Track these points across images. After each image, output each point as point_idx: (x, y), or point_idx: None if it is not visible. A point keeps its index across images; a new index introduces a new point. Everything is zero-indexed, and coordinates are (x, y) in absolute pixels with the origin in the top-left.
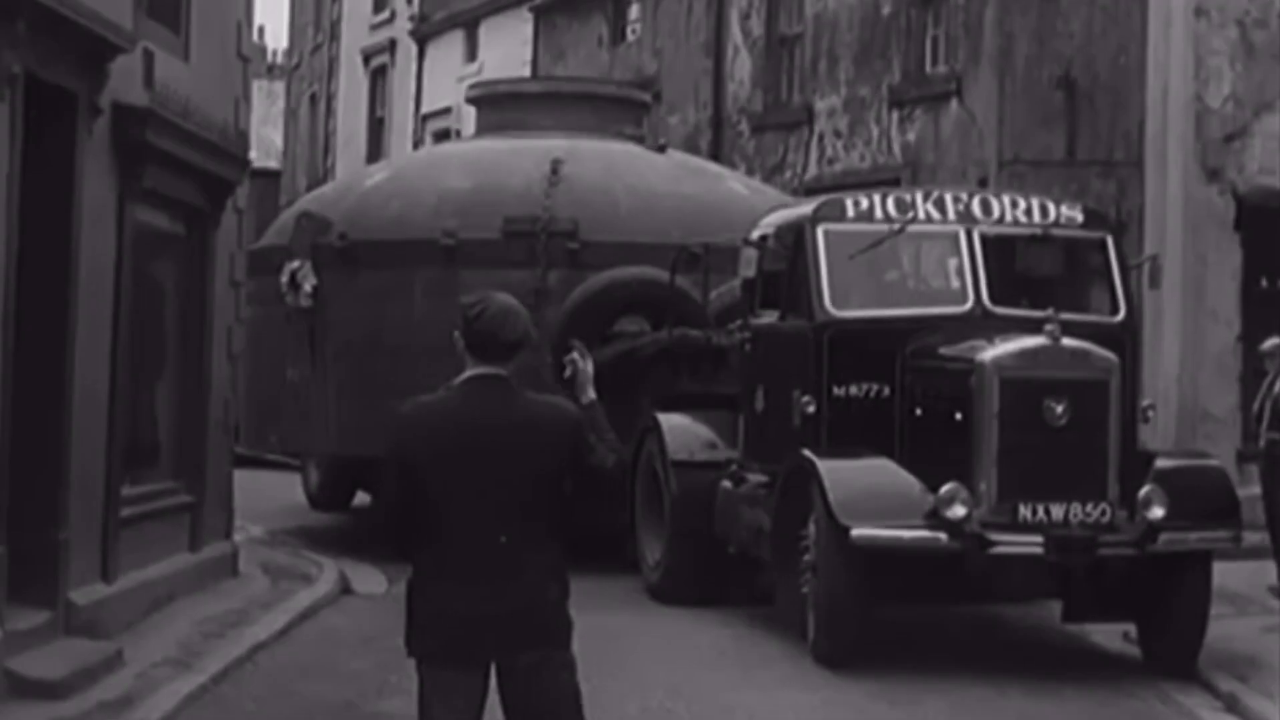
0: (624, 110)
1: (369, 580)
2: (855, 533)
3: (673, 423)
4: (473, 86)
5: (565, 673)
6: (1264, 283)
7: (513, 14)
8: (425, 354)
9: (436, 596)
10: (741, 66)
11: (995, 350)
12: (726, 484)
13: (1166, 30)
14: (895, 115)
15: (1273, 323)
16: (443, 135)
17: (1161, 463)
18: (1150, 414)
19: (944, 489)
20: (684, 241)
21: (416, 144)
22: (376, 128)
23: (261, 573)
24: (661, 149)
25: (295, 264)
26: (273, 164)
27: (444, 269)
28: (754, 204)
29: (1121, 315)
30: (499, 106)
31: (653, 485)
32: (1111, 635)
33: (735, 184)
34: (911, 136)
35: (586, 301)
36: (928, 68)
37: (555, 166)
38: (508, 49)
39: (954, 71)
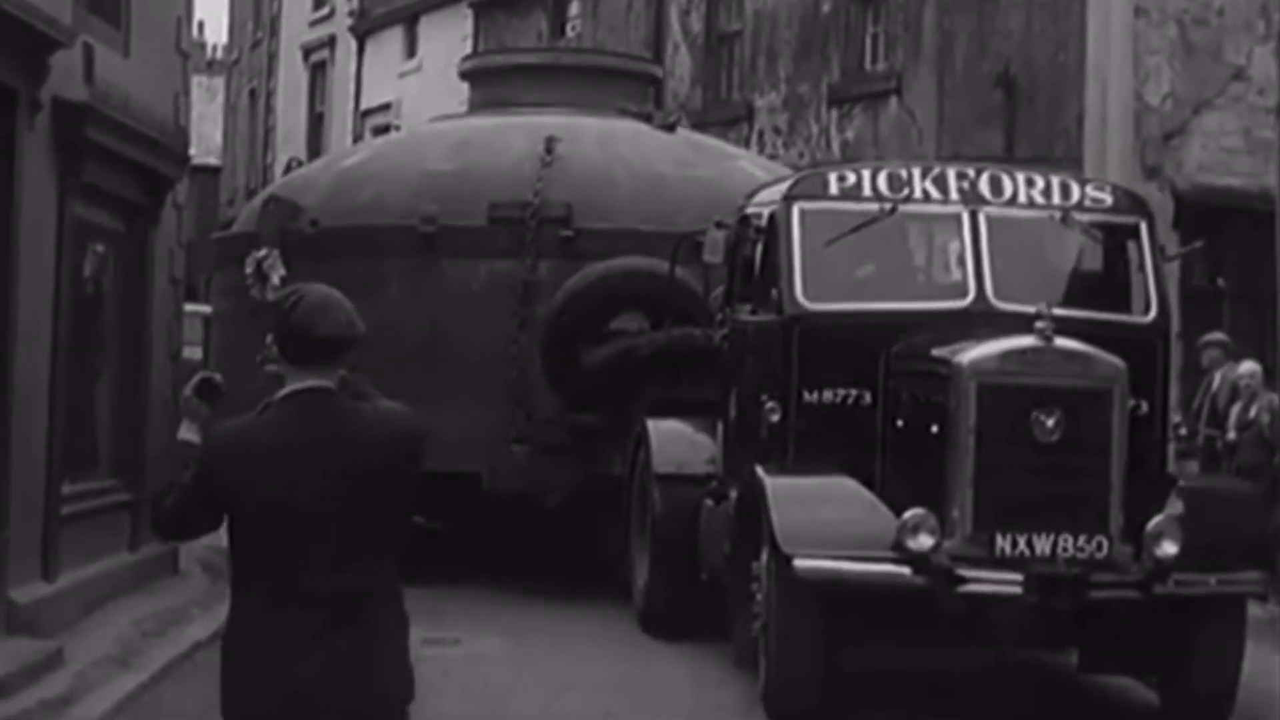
0: (629, 84)
1: None
2: (799, 564)
3: (663, 431)
4: (466, 59)
5: None
6: (1203, 280)
7: (452, 9)
8: (401, 352)
9: (257, 657)
10: (681, 63)
11: (974, 351)
12: (709, 502)
13: (1106, 29)
14: (835, 113)
15: (1211, 320)
16: (382, 130)
17: (1180, 490)
18: (1182, 432)
19: (907, 515)
20: (689, 229)
21: (356, 139)
22: (316, 123)
23: (201, 571)
24: (670, 127)
25: (262, 253)
26: (212, 160)
27: (422, 258)
28: None
29: (1152, 315)
30: (493, 81)
31: (645, 502)
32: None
33: (749, 165)
34: (851, 134)
35: (576, 297)
36: (867, 65)
37: (549, 146)
38: (448, 44)
39: (893, 69)
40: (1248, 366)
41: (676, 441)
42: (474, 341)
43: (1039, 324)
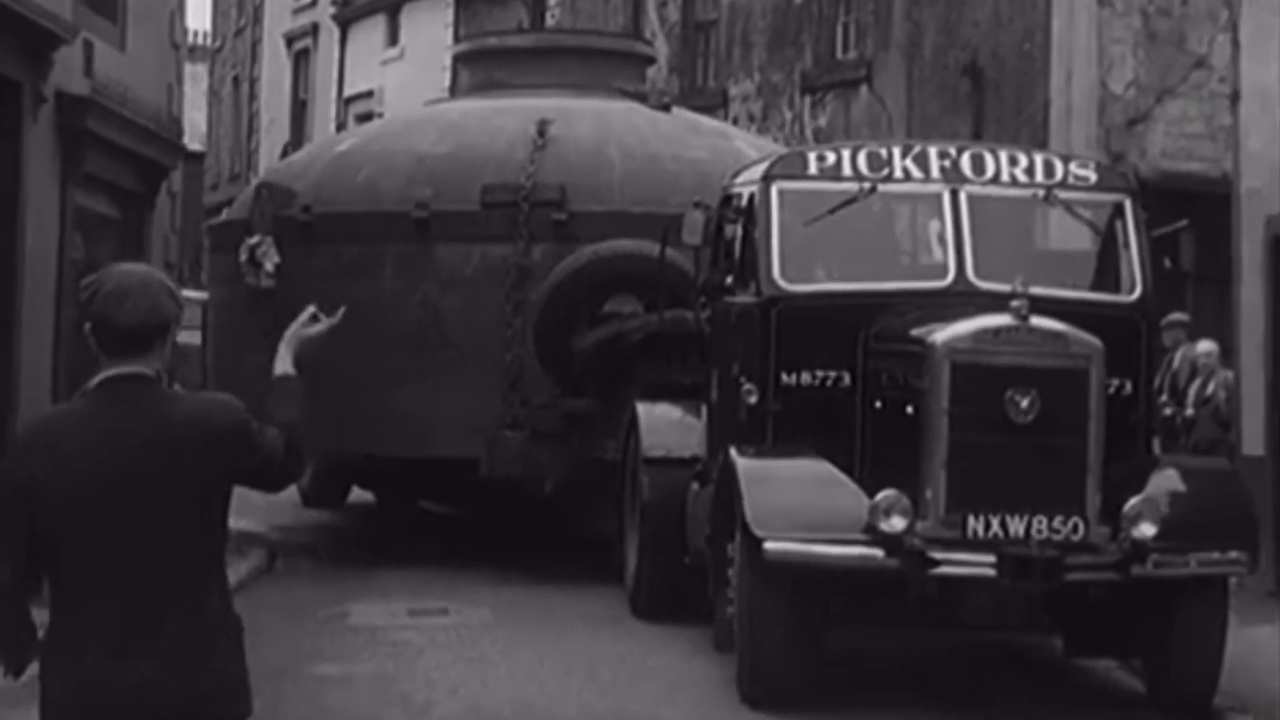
0: (623, 65)
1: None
2: (769, 547)
3: (653, 415)
4: (460, 41)
5: None
6: (1166, 263)
7: None
8: (396, 337)
9: (74, 672)
10: (658, 52)
11: (948, 330)
12: (695, 485)
13: (1070, 18)
14: (807, 100)
15: (1173, 301)
16: (365, 118)
17: (1162, 471)
18: (1167, 412)
19: (879, 497)
20: (681, 211)
21: (339, 127)
22: (299, 111)
23: None
24: (666, 107)
25: (255, 240)
26: (196, 146)
27: (416, 244)
28: None
29: (1137, 294)
30: (485, 63)
31: (636, 486)
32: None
33: (744, 145)
34: (823, 121)
35: (568, 280)
36: (838, 54)
37: (542, 128)
38: (430, 33)
39: (864, 58)
40: (1205, 345)
41: (666, 425)
42: (468, 326)
43: (1014, 303)
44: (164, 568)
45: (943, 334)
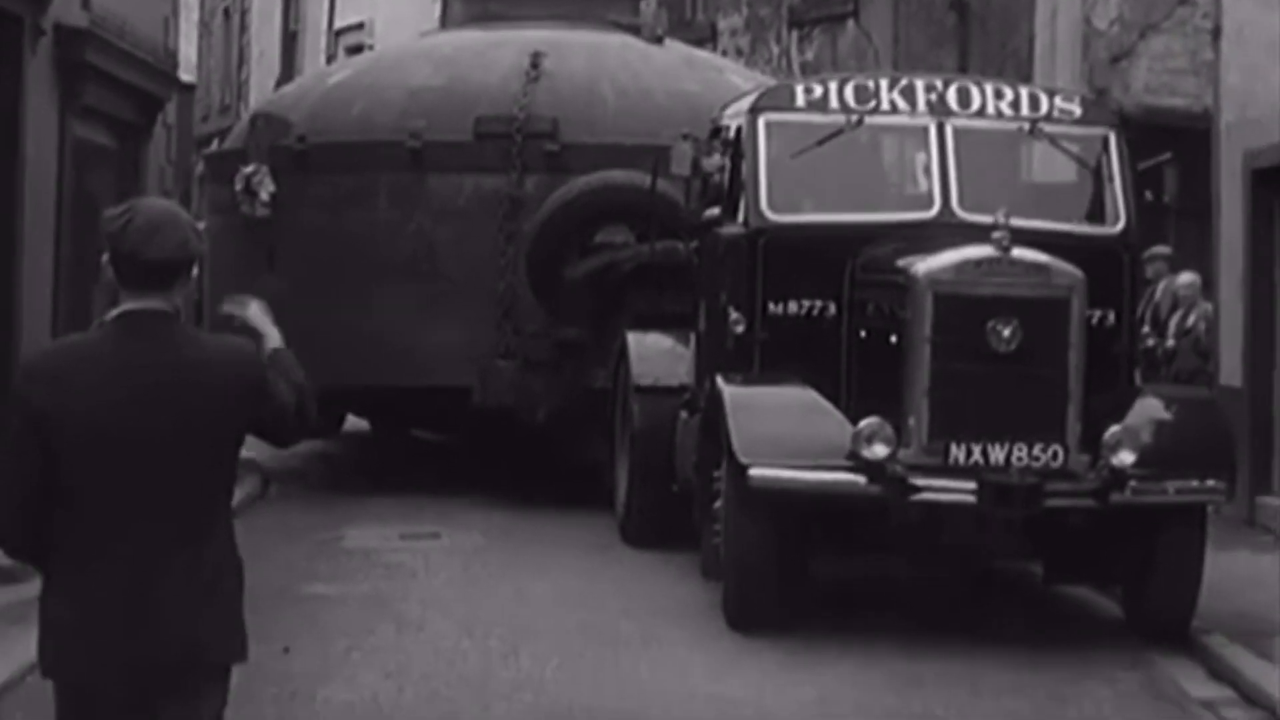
0: None
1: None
2: (754, 473)
3: (643, 344)
4: None
5: (214, 706)
6: (1149, 196)
7: None
8: (390, 267)
9: (80, 600)
10: None
11: (931, 261)
12: (684, 414)
13: None
14: (795, 35)
15: (1157, 234)
16: (355, 50)
17: (1143, 400)
18: (1150, 343)
19: (862, 424)
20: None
21: (329, 59)
22: (290, 42)
23: None
24: (659, 40)
25: (250, 169)
26: (187, 78)
27: (410, 174)
28: None
29: (1120, 226)
30: None
31: (626, 415)
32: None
33: (737, 78)
34: (810, 55)
35: (560, 210)
36: None
37: (535, 60)
38: None
39: None
40: (1186, 277)
41: (656, 354)
42: (461, 256)
43: (996, 234)
44: (174, 506)
45: (926, 265)
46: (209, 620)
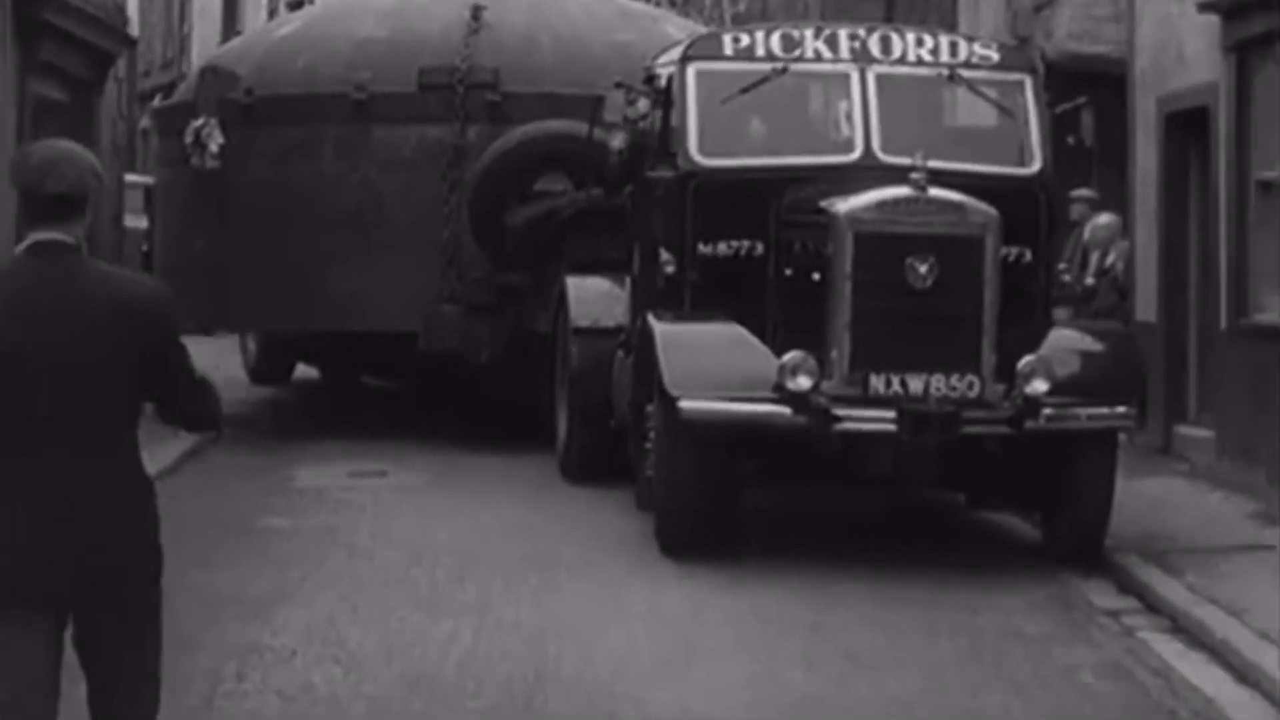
0: None
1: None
2: (684, 405)
3: (581, 288)
4: None
5: (142, 604)
6: (1071, 140)
7: None
8: (337, 216)
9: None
10: None
11: (851, 201)
12: (620, 354)
13: None
14: None
15: (1080, 177)
16: (296, 5)
17: (1057, 332)
18: (1066, 279)
19: (786, 358)
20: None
21: (271, 13)
22: None
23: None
24: None
25: (200, 122)
26: (130, 32)
27: (355, 125)
28: None
29: (1036, 167)
30: None
31: (566, 356)
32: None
33: (673, 28)
34: (742, 6)
35: (501, 159)
36: None
37: (476, 13)
38: None
39: None
40: (1104, 218)
41: (593, 297)
42: (406, 205)
43: (914, 175)
44: (76, 422)
45: (846, 205)
46: (114, 535)
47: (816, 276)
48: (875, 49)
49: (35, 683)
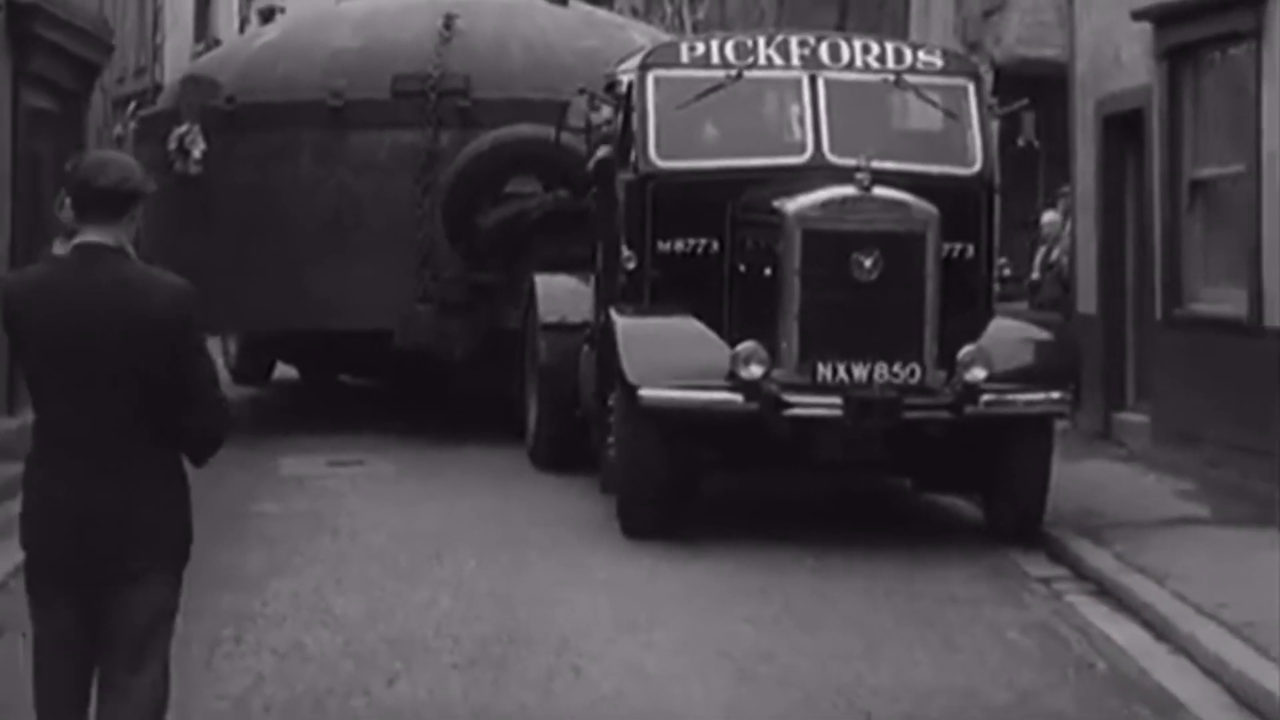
0: None
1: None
2: (643, 393)
3: (550, 285)
4: None
5: (160, 594)
6: (1020, 141)
7: None
8: (315, 220)
9: (41, 490)
10: None
11: (800, 200)
12: (586, 348)
13: None
14: None
15: (1028, 177)
16: (267, 13)
17: (996, 323)
18: (1006, 273)
19: (739, 348)
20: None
21: (243, 22)
22: (204, 5)
23: None
24: (563, 1)
25: (183, 128)
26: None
27: (331, 131)
28: None
29: (978, 167)
30: None
31: (535, 351)
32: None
33: (637, 35)
34: (701, 14)
35: (472, 163)
36: None
37: (448, 21)
38: None
39: None
40: (1049, 216)
41: (561, 294)
42: (382, 208)
43: (859, 175)
44: (109, 412)
45: (795, 204)
46: (141, 518)
47: (768, 272)
48: (825, 56)
49: (66, 659)
